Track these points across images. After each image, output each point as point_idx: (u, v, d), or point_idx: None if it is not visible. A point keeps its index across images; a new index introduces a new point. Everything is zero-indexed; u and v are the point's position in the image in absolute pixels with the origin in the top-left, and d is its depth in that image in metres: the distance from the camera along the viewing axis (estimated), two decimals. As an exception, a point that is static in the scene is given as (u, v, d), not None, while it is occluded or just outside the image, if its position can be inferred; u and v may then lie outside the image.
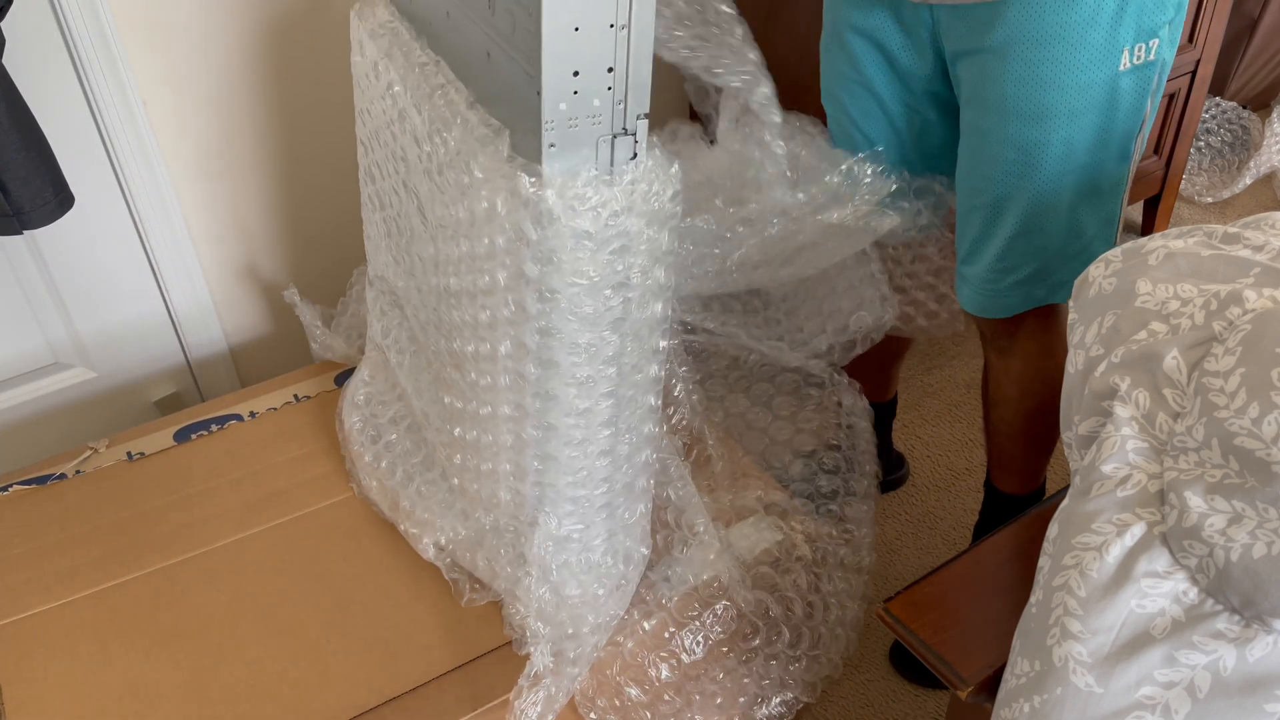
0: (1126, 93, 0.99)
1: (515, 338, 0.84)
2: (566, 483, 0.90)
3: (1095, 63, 0.96)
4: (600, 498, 0.93)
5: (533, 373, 0.84)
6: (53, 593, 1.05)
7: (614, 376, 0.85)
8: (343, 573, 1.06)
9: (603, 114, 0.75)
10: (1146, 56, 0.97)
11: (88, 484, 1.18)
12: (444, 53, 0.91)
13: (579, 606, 0.95)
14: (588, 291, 0.80)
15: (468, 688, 0.95)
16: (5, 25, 1.09)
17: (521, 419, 0.88)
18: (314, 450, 1.21)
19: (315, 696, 0.95)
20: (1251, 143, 2.24)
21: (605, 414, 0.87)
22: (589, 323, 0.81)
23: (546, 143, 0.75)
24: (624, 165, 0.78)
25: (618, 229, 0.78)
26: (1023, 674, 0.72)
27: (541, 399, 0.86)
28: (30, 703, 0.95)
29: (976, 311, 1.14)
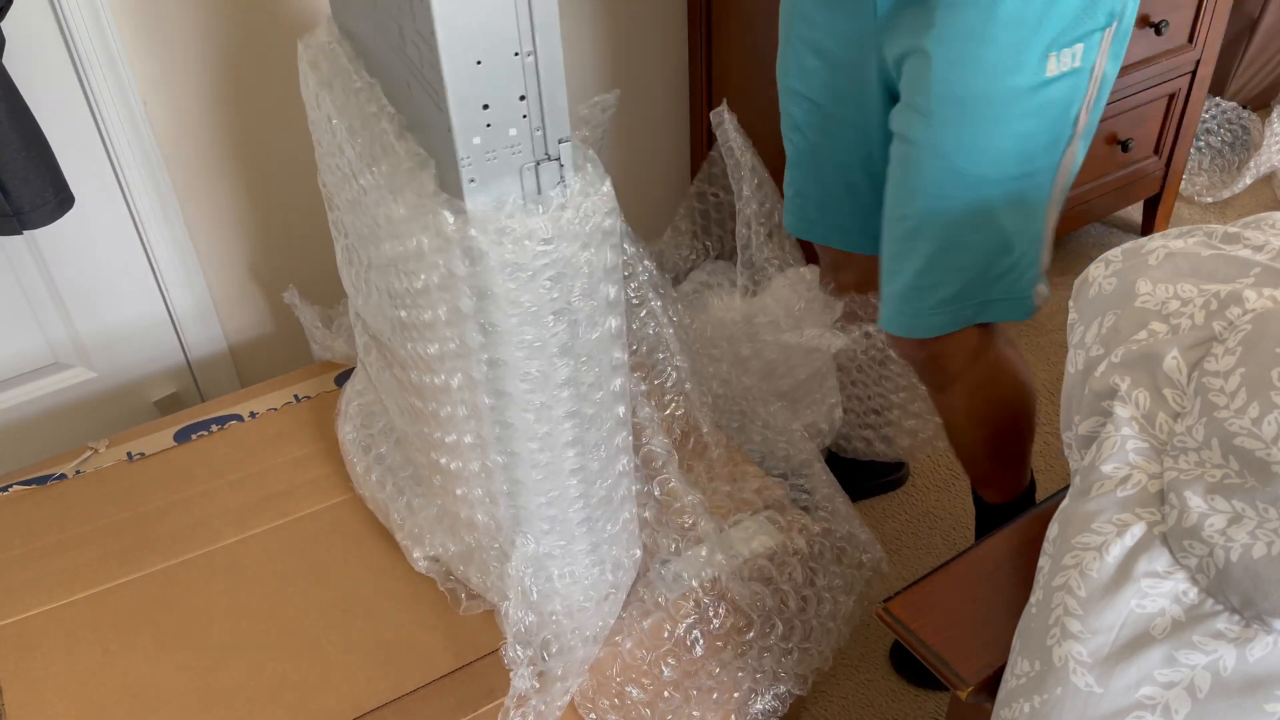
0: (1054, 102, 0.96)
1: (464, 370, 0.82)
2: (539, 504, 0.90)
3: (1017, 67, 0.94)
4: (577, 514, 0.92)
5: (487, 403, 0.83)
6: (53, 593, 1.05)
7: (570, 399, 0.84)
8: (343, 574, 1.06)
9: (521, 143, 0.73)
10: (1073, 64, 0.95)
11: (88, 484, 1.18)
12: (379, 75, 0.88)
13: (565, 623, 0.94)
14: (528, 321, 0.78)
15: (468, 689, 0.95)
16: (5, 25, 1.09)
17: (484, 447, 0.87)
18: (314, 451, 1.21)
19: (315, 698, 0.95)
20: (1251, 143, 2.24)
21: (568, 435, 0.86)
22: (535, 351, 0.80)
23: (466, 178, 0.73)
24: (551, 191, 0.76)
25: (550, 256, 0.76)
26: (1023, 674, 0.72)
27: (500, 426, 0.84)
28: (31, 703, 0.95)
29: (899, 332, 1.09)
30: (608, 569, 0.97)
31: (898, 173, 1.03)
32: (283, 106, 1.39)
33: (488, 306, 0.77)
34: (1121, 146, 1.82)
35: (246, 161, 1.40)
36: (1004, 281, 1.04)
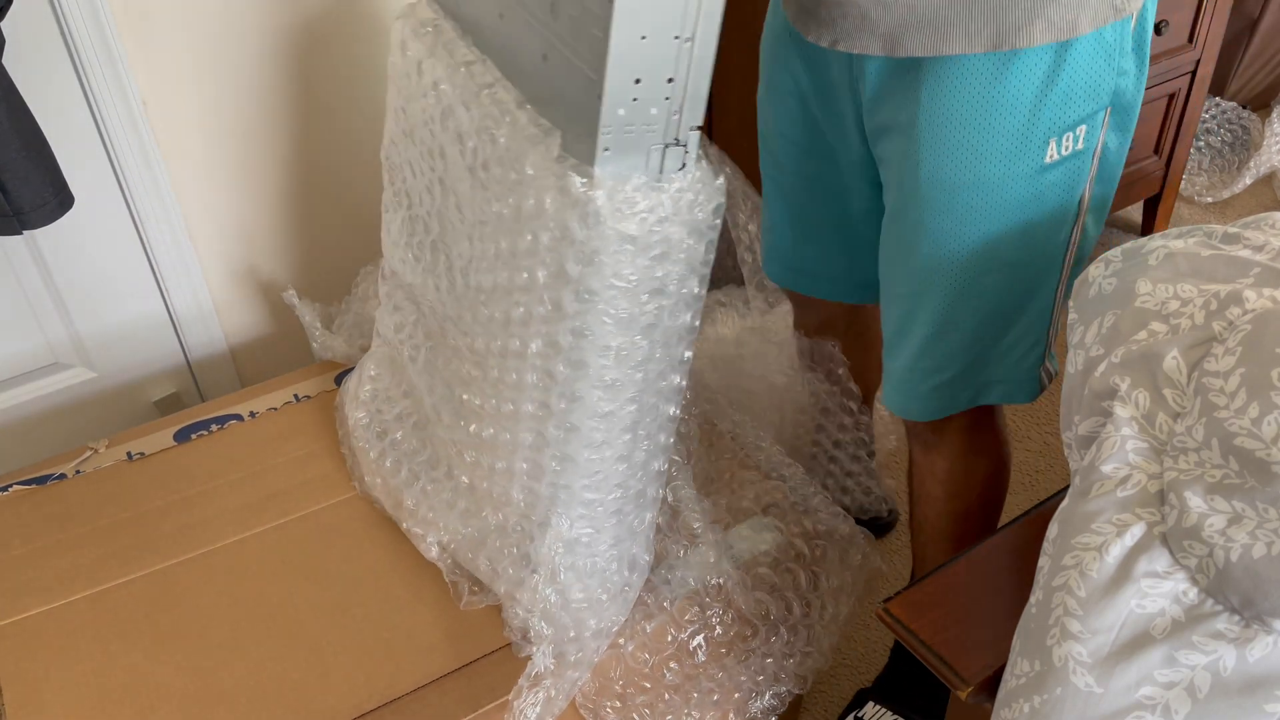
0: (1054, 187, 0.91)
1: (548, 336, 0.84)
2: (582, 485, 0.91)
3: (1014, 154, 0.89)
4: (613, 503, 0.93)
5: (562, 372, 0.85)
6: (53, 593, 1.05)
7: (640, 382, 0.86)
8: (343, 573, 1.06)
9: (658, 123, 0.76)
10: (1075, 146, 0.90)
11: (88, 484, 1.18)
12: (491, 52, 0.91)
13: (582, 610, 0.95)
14: (625, 294, 0.81)
15: (468, 689, 0.95)
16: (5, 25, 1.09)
17: (545, 418, 0.88)
18: (314, 450, 1.21)
19: (315, 697, 0.95)
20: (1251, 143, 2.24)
21: (628, 419, 0.88)
22: (622, 326, 0.82)
23: (601, 146, 0.76)
24: (672, 174, 0.79)
25: (660, 235, 0.79)
26: (1023, 674, 0.72)
27: (568, 400, 0.86)
28: (30, 703, 0.95)
29: (897, 411, 1.06)
30: (625, 565, 0.98)
31: (891, 250, 1.00)
32: (283, 106, 1.38)
33: (591, 274, 0.80)
34: (1121, 146, 1.82)
35: (246, 161, 1.40)
36: (1004, 363, 1.00)
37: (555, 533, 0.93)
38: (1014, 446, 1.66)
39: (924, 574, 1.18)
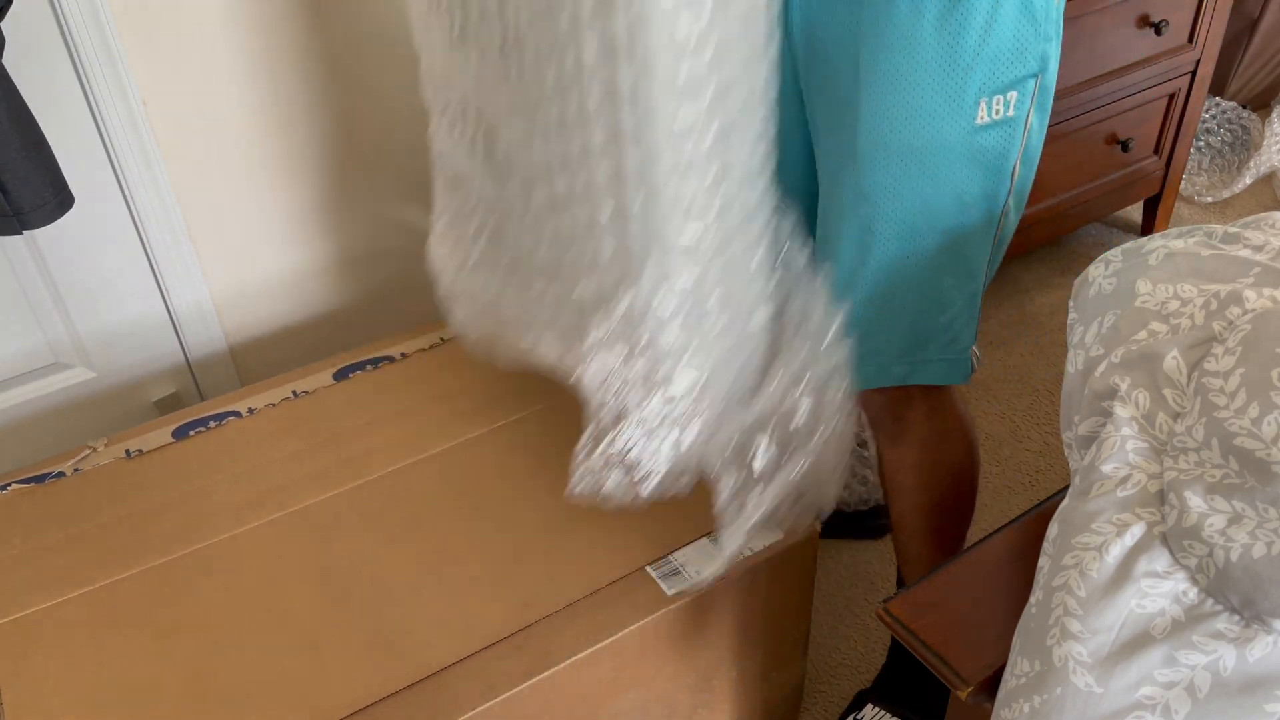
0: (986, 151, 0.92)
1: (603, 33, 0.73)
2: (673, 225, 0.79)
3: (949, 114, 0.89)
4: (712, 241, 0.80)
5: (625, 80, 0.73)
6: (51, 591, 1.05)
7: (719, 84, 0.73)
8: (341, 568, 1.06)
9: None
10: (1006, 112, 0.90)
11: (86, 482, 1.18)
12: None
13: (685, 363, 0.84)
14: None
15: (467, 684, 0.95)
16: (5, 25, 1.09)
17: (618, 149, 0.76)
18: (312, 445, 1.21)
19: (313, 692, 0.95)
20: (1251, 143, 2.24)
21: (712, 134, 0.75)
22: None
23: None
24: None
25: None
26: (1023, 674, 0.72)
27: (639, 113, 0.74)
28: (29, 701, 0.95)
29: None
30: (732, 312, 0.85)
31: (829, 214, 0.98)
32: (283, 106, 1.38)
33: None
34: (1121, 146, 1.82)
35: (246, 161, 1.40)
36: (938, 341, 1.00)
37: (650, 282, 0.80)
38: (1013, 446, 1.67)
39: (910, 571, 1.19)
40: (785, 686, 1.24)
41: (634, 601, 1.01)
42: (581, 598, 1.02)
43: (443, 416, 1.24)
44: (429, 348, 1.35)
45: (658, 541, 1.07)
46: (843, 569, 1.50)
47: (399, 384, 1.29)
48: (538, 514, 1.11)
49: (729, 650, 1.11)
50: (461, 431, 1.21)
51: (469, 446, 1.19)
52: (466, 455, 1.18)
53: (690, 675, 1.10)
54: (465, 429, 1.21)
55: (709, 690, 1.13)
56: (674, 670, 1.07)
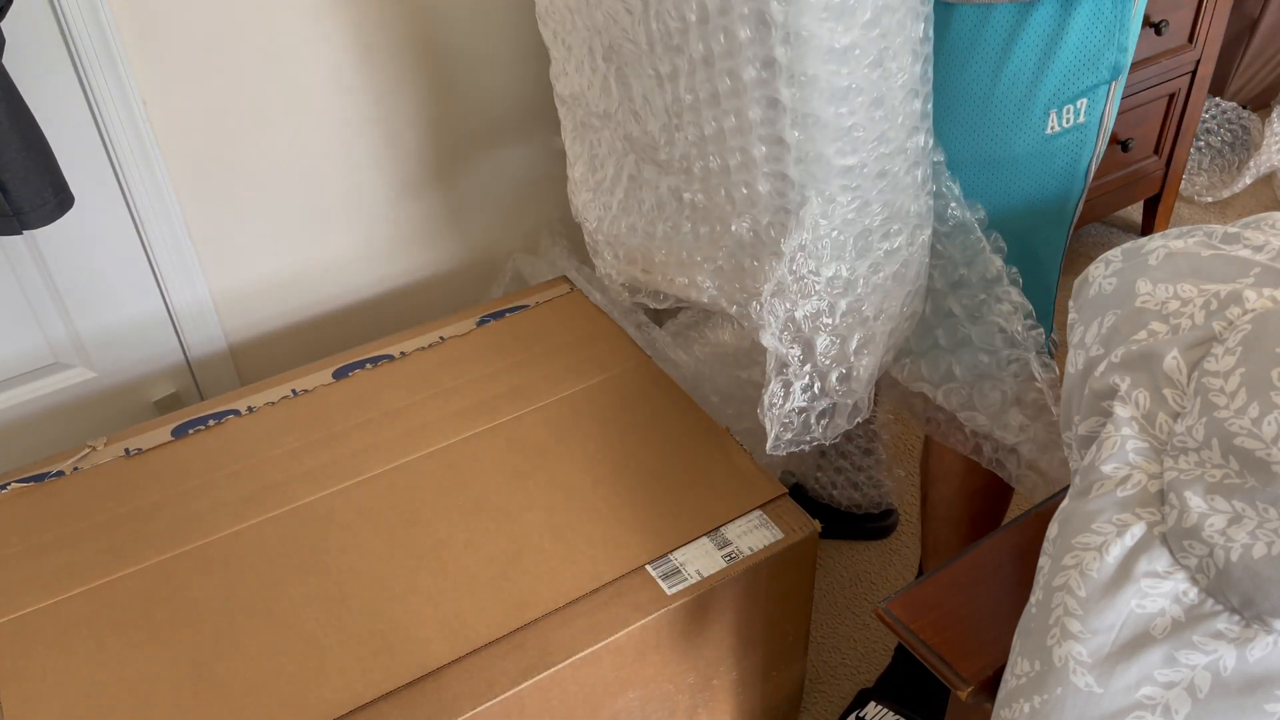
0: (1058, 157, 0.93)
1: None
2: (835, 150, 0.78)
3: (1019, 127, 0.89)
4: (874, 164, 0.79)
5: (777, 8, 0.72)
6: (50, 590, 1.05)
7: (878, 4, 0.73)
8: (339, 566, 1.06)
9: None
10: (1076, 119, 0.91)
11: (85, 481, 1.18)
12: None
13: (855, 299, 0.84)
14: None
15: (466, 682, 0.95)
16: (5, 25, 1.09)
17: (772, 79, 0.75)
18: (311, 442, 1.21)
19: (312, 690, 0.95)
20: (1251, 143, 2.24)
21: (872, 49, 0.73)
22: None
23: None
24: None
25: None
26: (1023, 674, 0.72)
27: (794, 42, 0.73)
28: (28, 699, 0.95)
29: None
30: (904, 237, 0.84)
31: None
32: (283, 106, 1.38)
33: None
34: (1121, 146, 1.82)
35: (247, 161, 1.40)
36: None
37: (814, 213, 0.79)
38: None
39: (935, 562, 1.20)
40: (786, 686, 1.24)
41: (634, 601, 1.01)
42: (581, 597, 1.02)
43: (442, 415, 1.24)
44: (428, 346, 1.35)
45: (658, 540, 1.07)
46: (843, 568, 1.50)
47: (398, 382, 1.29)
48: (537, 512, 1.11)
49: (729, 650, 1.11)
50: (460, 429, 1.21)
51: (468, 444, 1.19)
52: (466, 453, 1.18)
53: (690, 675, 1.10)
54: (464, 427, 1.22)
55: (709, 690, 1.13)
56: (674, 670, 1.07)
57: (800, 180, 0.79)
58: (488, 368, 1.30)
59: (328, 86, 1.40)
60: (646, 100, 0.90)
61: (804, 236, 0.81)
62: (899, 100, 0.78)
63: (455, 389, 1.27)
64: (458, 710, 0.93)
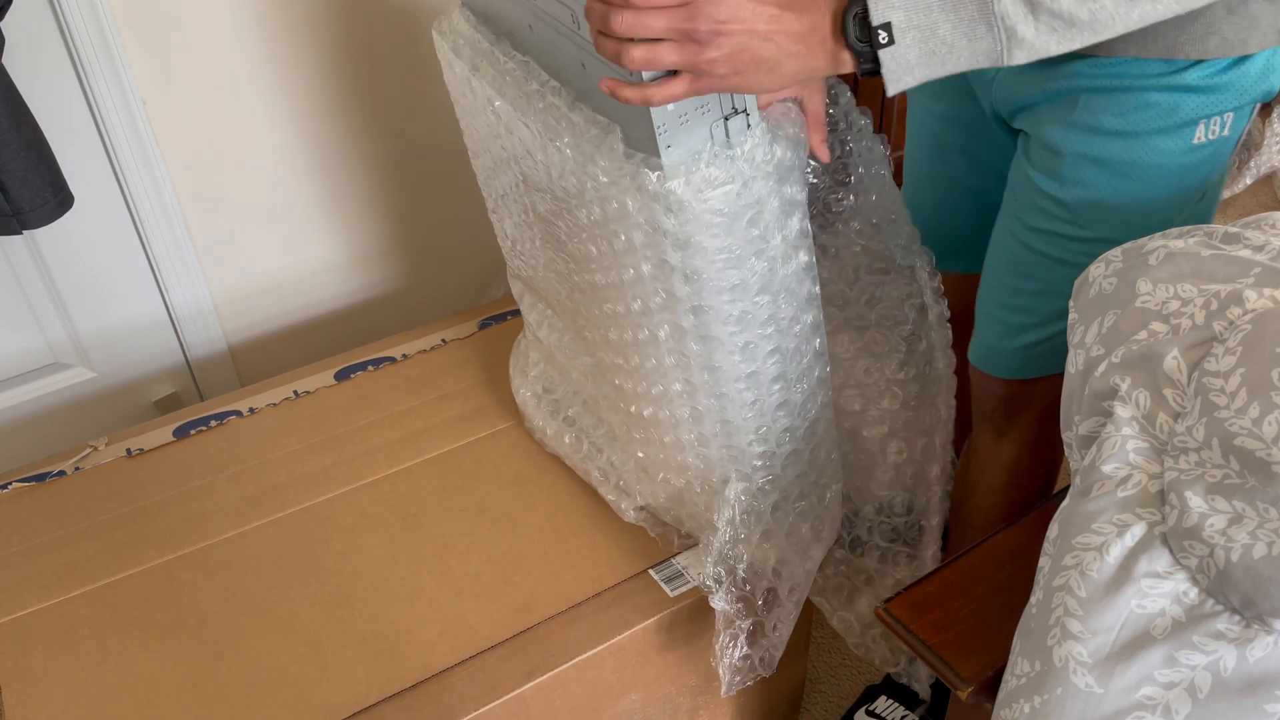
0: (1197, 168, 0.91)
1: (671, 322, 0.85)
2: (748, 441, 0.93)
3: (1162, 130, 0.89)
4: (786, 447, 0.95)
5: (695, 349, 0.86)
6: (51, 590, 1.05)
7: (774, 335, 0.88)
8: (341, 568, 1.06)
9: (710, 101, 0.76)
10: (1221, 132, 0.91)
11: (87, 481, 1.18)
12: (532, 54, 0.90)
13: (779, 552, 0.97)
14: (731, 264, 0.81)
15: (469, 685, 0.95)
16: (5, 25, 1.09)
17: (693, 393, 0.90)
18: (313, 444, 1.21)
19: (314, 693, 0.95)
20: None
21: (772, 371, 0.89)
22: (739, 293, 0.83)
23: (663, 145, 0.76)
24: (740, 137, 0.79)
25: (747, 199, 0.79)
26: (1023, 674, 0.72)
27: (708, 371, 0.88)
28: (29, 700, 0.95)
29: (979, 364, 1.07)
30: (814, 500, 0.99)
31: (1030, 259, 0.99)
32: (282, 105, 1.38)
33: (692, 256, 0.81)
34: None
35: (246, 161, 1.40)
36: None
37: (735, 489, 0.94)
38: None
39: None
40: (786, 686, 1.24)
41: (636, 603, 1.01)
42: (584, 600, 1.02)
43: (445, 418, 1.24)
44: (430, 349, 1.35)
45: (660, 544, 1.07)
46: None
47: (400, 385, 1.29)
48: (540, 517, 1.11)
49: (729, 650, 1.11)
50: (463, 433, 1.21)
51: (471, 448, 1.19)
52: (468, 457, 1.18)
53: (691, 677, 1.10)
54: (467, 431, 1.22)
55: (710, 692, 1.14)
56: (676, 671, 1.07)
57: (721, 461, 0.94)
58: (490, 371, 1.30)
59: (328, 86, 1.40)
60: (601, 375, 1.05)
61: (730, 512, 0.95)
62: (799, 402, 0.94)
63: (458, 392, 1.27)
64: (461, 711, 0.93)
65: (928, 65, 0.70)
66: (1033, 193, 0.97)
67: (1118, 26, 0.71)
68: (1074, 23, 0.70)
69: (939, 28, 0.69)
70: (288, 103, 1.39)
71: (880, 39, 0.68)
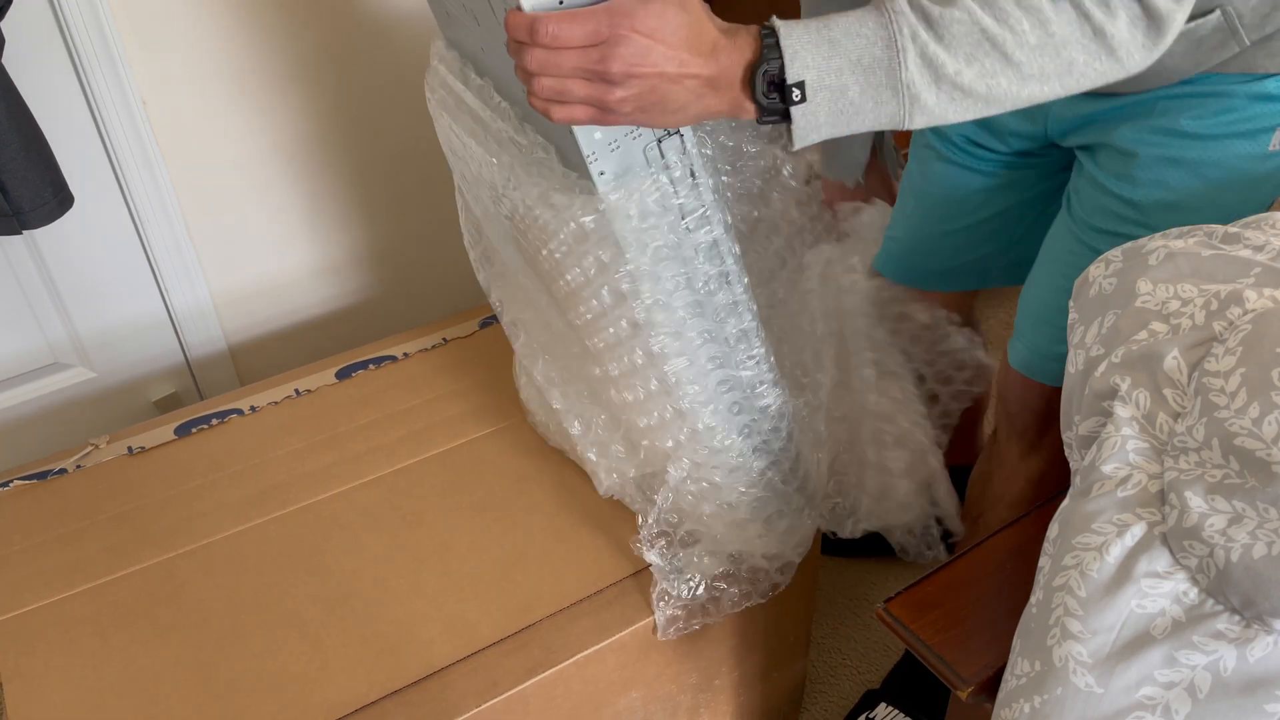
0: (1270, 178, 0.92)
1: (637, 344, 0.88)
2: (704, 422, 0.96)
3: (1245, 135, 0.90)
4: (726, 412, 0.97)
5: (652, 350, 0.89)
6: (53, 588, 1.05)
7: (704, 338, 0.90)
8: (342, 566, 1.06)
9: (640, 129, 0.77)
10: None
11: (88, 479, 1.18)
12: (490, 75, 0.92)
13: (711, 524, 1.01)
14: (680, 285, 0.84)
15: (469, 682, 0.95)
16: (5, 25, 1.09)
17: (665, 393, 0.93)
18: (314, 443, 1.21)
19: (315, 690, 0.95)
20: None
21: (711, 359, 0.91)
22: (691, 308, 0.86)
23: (595, 171, 0.77)
24: (673, 158, 0.80)
25: (690, 214, 0.81)
26: (1023, 674, 0.72)
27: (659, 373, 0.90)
28: (31, 698, 0.95)
29: (1019, 366, 1.07)
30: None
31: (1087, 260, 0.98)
32: (282, 105, 1.38)
33: (641, 284, 0.83)
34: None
35: (246, 161, 1.40)
36: None
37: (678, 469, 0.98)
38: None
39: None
40: (787, 686, 1.25)
41: (637, 601, 1.01)
42: (584, 597, 1.02)
43: (446, 417, 1.24)
44: (431, 348, 1.35)
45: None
46: (845, 568, 1.50)
47: (401, 383, 1.30)
48: (541, 514, 1.11)
49: (731, 650, 1.12)
50: (464, 432, 1.21)
51: (472, 446, 1.20)
52: (469, 455, 1.19)
53: (692, 675, 1.10)
54: (468, 429, 1.22)
55: (710, 690, 1.14)
56: (677, 669, 1.07)
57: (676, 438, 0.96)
58: (491, 370, 1.30)
59: (328, 86, 1.40)
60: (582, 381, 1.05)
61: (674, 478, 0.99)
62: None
63: (458, 391, 1.27)
64: (462, 709, 0.93)
65: (834, 124, 0.72)
66: (1101, 195, 0.97)
67: (1008, 103, 0.73)
68: (972, 95, 0.72)
69: (849, 90, 0.70)
70: (287, 103, 1.39)
71: (793, 96, 0.70)
